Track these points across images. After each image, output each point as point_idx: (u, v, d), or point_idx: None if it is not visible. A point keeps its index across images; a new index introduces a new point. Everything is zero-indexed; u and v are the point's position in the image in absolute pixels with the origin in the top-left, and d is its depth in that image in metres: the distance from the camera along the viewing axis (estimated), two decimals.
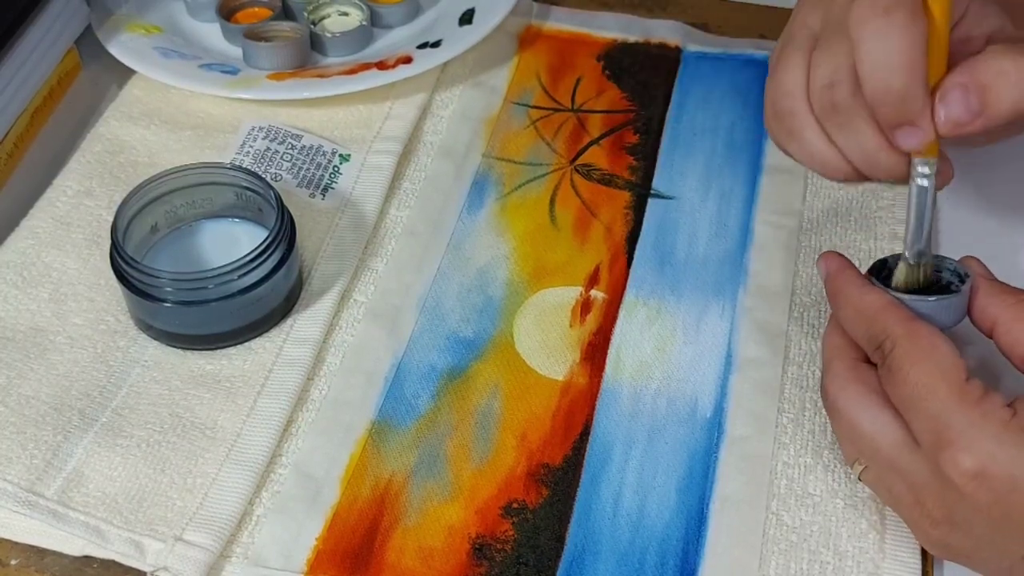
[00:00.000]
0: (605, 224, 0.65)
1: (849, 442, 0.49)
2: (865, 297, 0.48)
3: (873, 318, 0.48)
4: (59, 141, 0.70)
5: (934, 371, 0.45)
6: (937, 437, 0.44)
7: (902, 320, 0.47)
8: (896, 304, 0.48)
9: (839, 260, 0.51)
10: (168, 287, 0.55)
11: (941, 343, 0.45)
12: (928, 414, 0.45)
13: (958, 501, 0.44)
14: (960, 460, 0.43)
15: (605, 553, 0.51)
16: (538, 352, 0.59)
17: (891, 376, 0.46)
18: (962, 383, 0.44)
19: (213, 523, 0.51)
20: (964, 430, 0.44)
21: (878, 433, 0.47)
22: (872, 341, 0.48)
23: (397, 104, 0.70)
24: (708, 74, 0.74)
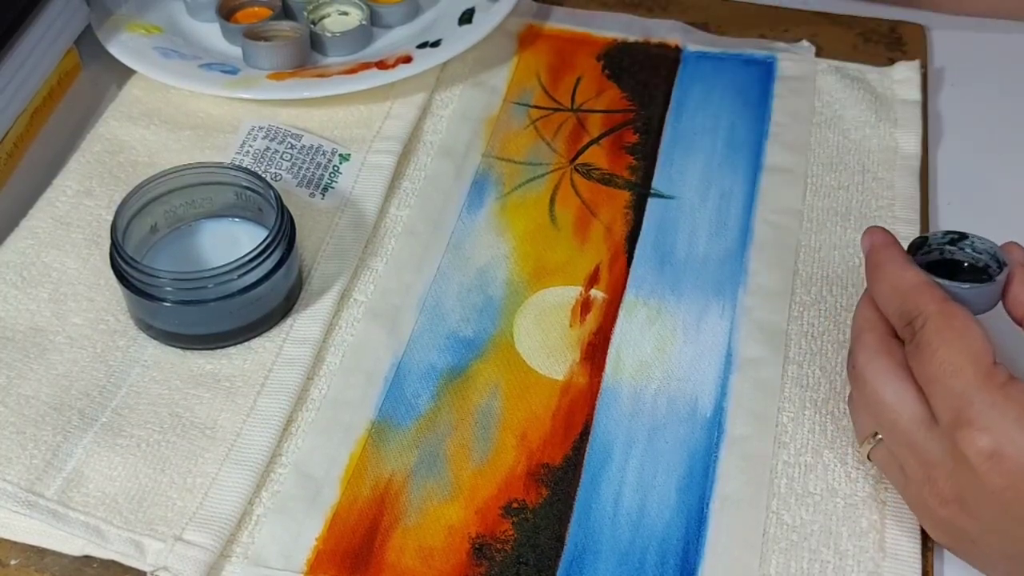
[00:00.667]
0: (605, 224, 0.65)
1: (869, 414, 0.50)
2: (904, 274, 0.49)
3: (908, 295, 0.48)
4: (59, 141, 0.70)
5: (963, 351, 0.46)
6: (957, 415, 0.45)
7: (936, 300, 0.48)
8: (932, 284, 0.48)
9: (883, 236, 0.52)
10: (168, 287, 0.55)
11: (973, 325, 0.46)
12: (952, 392, 0.45)
13: (971, 481, 0.45)
14: (977, 439, 0.44)
15: (605, 553, 0.51)
16: (538, 352, 0.59)
17: (919, 352, 0.47)
18: (989, 366, 0.45)
19: (213, 523, 0.51)
20: (985, 411, 0.44)
21: (899, 405, 0.48)
22: (904, 317, 0.48)
23: (397, 104, 0.70)
24: (708, 74, 0.74)
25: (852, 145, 0.69)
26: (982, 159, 0.69)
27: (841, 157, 0.68)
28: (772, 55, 0.75)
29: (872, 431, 0.50)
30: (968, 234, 0.52)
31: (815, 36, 0.77)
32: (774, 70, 0.74)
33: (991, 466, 0.44)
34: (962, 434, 0.45)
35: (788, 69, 0.74)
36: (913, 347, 0.47)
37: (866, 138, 0.69)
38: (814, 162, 0.68)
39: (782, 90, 0.72)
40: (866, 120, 0.70)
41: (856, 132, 0.70)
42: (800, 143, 0.69)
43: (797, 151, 0.68)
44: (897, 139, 0.69)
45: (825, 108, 0.71)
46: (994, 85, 0.75)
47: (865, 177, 0.67)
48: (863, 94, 0.72)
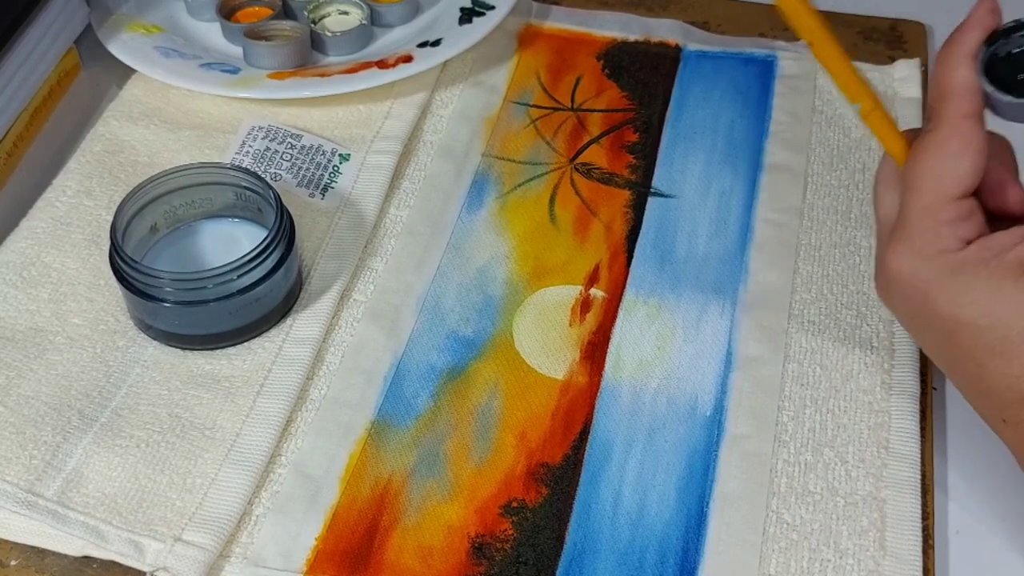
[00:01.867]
0: (605, 223, 0.65)
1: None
2: (955, 70, 0.48)
3: (944, 91, 0.48)
4: (59, 141, 0.70)
5: (937, 172, 0.47)
6: (895, 228, 0.48)
7: (959, 111, 0.47)
8: (972, 92, 0.47)
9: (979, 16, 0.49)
10: (168, 287, 0.55)
11: (968, 152, 0.47)
12: (906, 204, 0.48)
13: (888, 284, 0.50)
14: (892, 258, 0.48)
15: (605, 552, 0.51)
16: (538, 351, 0.59)
17: (916, 149, 0.48)
18: (949, 199, 0.47)
19: (212, 523, 0.51)
20: (914, 237, 0.47)
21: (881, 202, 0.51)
22: (931, 110, 0.49)
23: (397, 103, 0.70)
24: (708, 73, 0.74)
25: (853, 143, 0.69)
26: None
27: (842, 155, 0.68)
28: (772, 54, 0.75)
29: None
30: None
31: None
32: (774, 69, 0.74)
33: (897, 284, 0.48)
34: (887, 248, 0.48)
35: (788, 68, 0.74)
36: (916, 142, 0.48)
37: (867, 136, 0.69)
38: (814, 161, 0.68)
39: (782, 89, 0.72)
40: None
41: (857, 130, 0.69)
42: (800, 142, 0.69)
43: (797, 150, 0.68)
44: None
45: (825, 107, 0.71)
46: None
47: (866, 175, 0.67)
48: None
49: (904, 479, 0.53)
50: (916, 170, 0.48)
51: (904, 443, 0.54)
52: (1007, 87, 0.48)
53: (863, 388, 0.56)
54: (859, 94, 0.50)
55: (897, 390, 0.56)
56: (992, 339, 0.46)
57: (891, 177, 0.51)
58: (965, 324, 0.46)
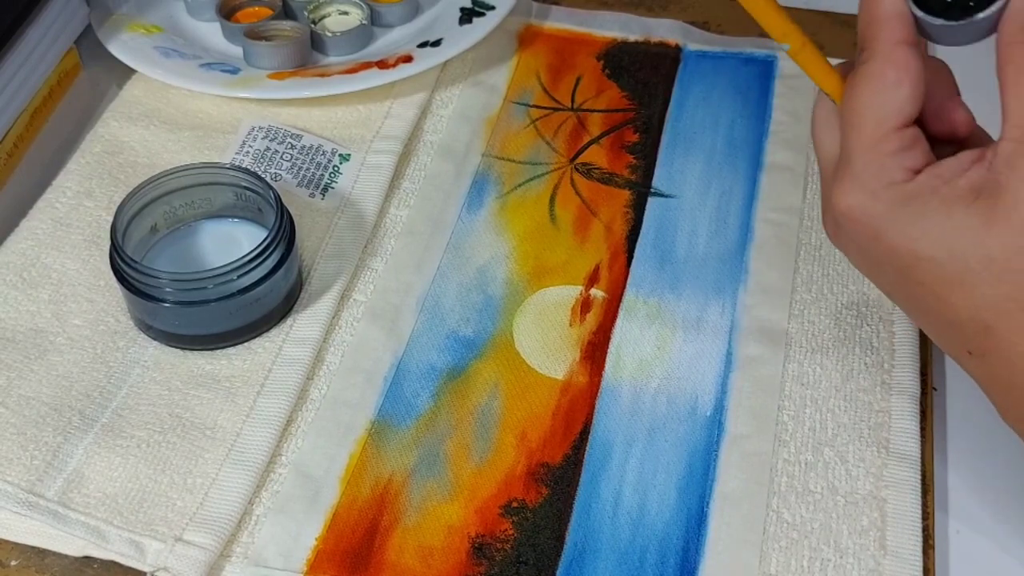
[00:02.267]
0: (605, 223, 0.65)
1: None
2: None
3: (872, 22, 0.46)
4: (58, 141, 0.70)
5: (875, 106, 0.45)
6: (838, 167, 0.47)
7: (891, 39, 0.45)
8: (901, 18, 0.46)
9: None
10: (168, 287, 0.55)
11: (906, 82, 0.45)
12: (847, 142, 0.46)
13: (837, 226, 0.48)
14: (839, 197, 0.46)
15: (605, 552, 0.51)
16: (538, 351, 0.59)
17: (851, 84, 0.46)
18: (890, 129, 0.45)
19: (213, 523, 0.51)
20: (858, 173, 0.45)
21: (820, 141, 0.49)
22: (862, 41, 0.47)
23: (397, 103, 0.70)
24: (708, 73, 0.74)
25: None
26: None
27: None
28: (772, 54, 0.75)
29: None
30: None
31: (816, 35, 0.76)
32: (774, 69, 0.74)
33: (847, 222, 0.46)
34: (834, 187, 0.47)
35: (788, 68, 0.74)
36: (850, 77, 0.47)
37: None
38: (814, 160, 0.68)
39: (782, 89, 0.72)
40: None
41: None
42: (800, 142, 0.69)
43: (797, 149, 0.68)
44: None
45: None
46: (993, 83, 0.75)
47: None
48: None
49: (904, 479, 0.53)
50: (853, 104, 0.46)
51: (904, 443, 0.54)
52: (935, 10, 0.46)
53: (863, 388, 0.56)
54: (786, 33, 0.48)
55: (897, 390, 0.56)
56: (951, 270, 0.44)
57: (829, 116, 0.49)
58: (921, 257, 0.45)
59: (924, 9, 0.46)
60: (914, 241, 0.44)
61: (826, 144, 0.49)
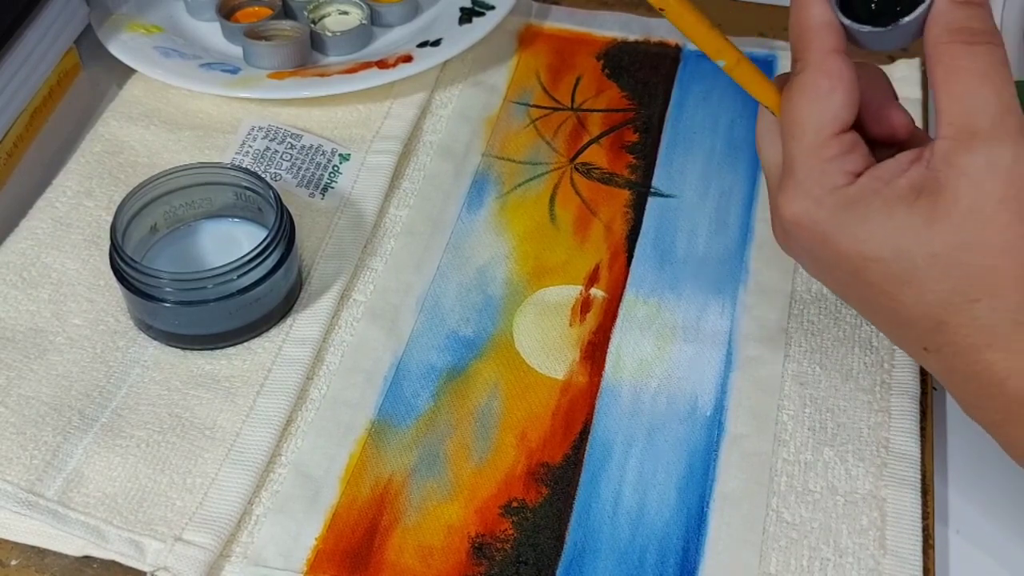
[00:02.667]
0: (605, 223, 0.65)
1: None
2: (810, 9, 0.47)
3: (803, 33, 0.47)
4: (58, 141, 0.70)
5: (813, 114, 0.46)
6: (782, 176, 0.47)
7: (822, 49, 0.46)
8: (830, 28, 0.46)
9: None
10: (168, 287, 0.55)
11: (839, 89, 0.46)
12: (788, 151, 0.47)
13: (786, 234, 0.49)
14: (785, 205, 0.47)
15: (605, 552, 0.51)
16: (538, 351, 0.59)
17: (787, 95, 0.47)
18: (828, 136, 0.46)
19: (213, 523, 0.51)
20: (801, 180, 0.46)
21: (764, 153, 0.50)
22: (794, 53, 0.48)
23: (397, 103, 0.70)
24: (708, 72, 0.74)
25: None
26: None
27: None
28: (772, 54, 0.75)
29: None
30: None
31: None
32: (774, 69, 0.74)
33: (794, 230, 0.47)
34: (778, 197, 0.47)
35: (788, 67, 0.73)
36: (786, 89, 0.48)
37: None
38: None
39: None
40: None
41: None
42: None
43: None
44: None
45: None
46: None
47: None
48: None
49: (904, 478, 0.53)
50: (791, 115, 0.47)
51: (904, 442, 0.54)
52: (862, 18, 0.47)
53: (863, 388, 0.56)
54: (720, 50, 0.49)
55: (897, 390, 0.56)
56: (898, 269, 0.45)
57: (770, 127, 0.50)
58: (869, 259, 0.45)
59: (851, 17, 0.47)
60: (860, 243, 0.45)
61: (769, 155, 0.50)
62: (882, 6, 0.47)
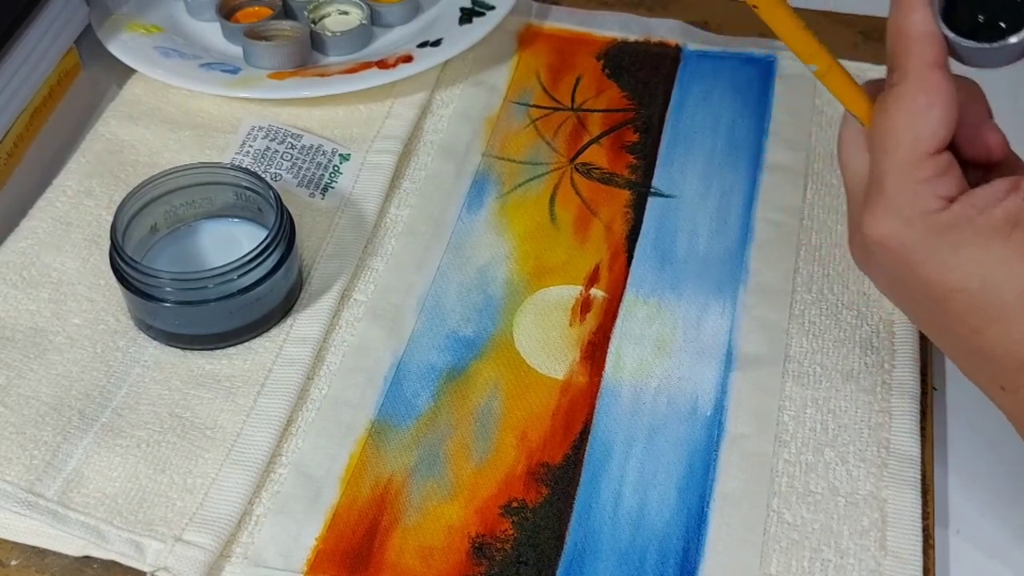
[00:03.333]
0: (605, 223, 0.65)
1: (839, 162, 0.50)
2: (912, 16, 0.45)
3: (902, 41, 0.45)
4: (59, 141, 0.70)
5: (910, 129, 0.44)
6: (871, 192, 0.46)
7: (922, 61, 0.44)
8: (932, 38, 0.44)
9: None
10: (168, 287, 0.55)
11: (938, 105, 0.44)
12: (879, 165, 0.45)
13: (867, 252, 0.47)
14: (871, 224, 0.45)
15: (605, 552, 0.51)
16: (538, 351, 0.59)
17: (882, 107, 0.45)
18: (924, 154, 0.44)
19: (213, 523, 0.51)
20: (891, 199, 0.45)
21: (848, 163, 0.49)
22: (891, 62, 0.46)
23: (397, 103, 0.70)
24: (708, 73, 0.74)
25: None
26: None
27: None
28: (772, 54, 0.75)
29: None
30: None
31: (816, 34, 0.77)
32: (774, 69, 0.74)
33: (878, 250, 0.46)
34: (865, 214, 0.46)
35: (788, 67, 0.74)
36: (880, 99, 0.46)
37: None
38: (815, 160, 0.68)
39: (782, 88, 0.72)
40: None
41: None
42: (800, 141, 0.69)
43: (797, 149, 0.68)
44: None
45: (825, 106, 0.71)
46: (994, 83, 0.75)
47: None
48: None
49: (905, 479, 0.53)
50: (885, 129, 0.45)
51: (905, 443, 0.54)
52: (966, 31, 0.45)
53: (863, 388, 0.56)
54: (814, 54, 0.48)
55: (897, 390, 0.56)
56: (986, 303, 0.43)
57: (856, 137, 0.48)
58: (956, 289, 0.44)
59: (954, 28, 0.45)
60: (949, 271, 0.44)
61: (854, 166, 0.48)
62: (989, 19, 0.45)
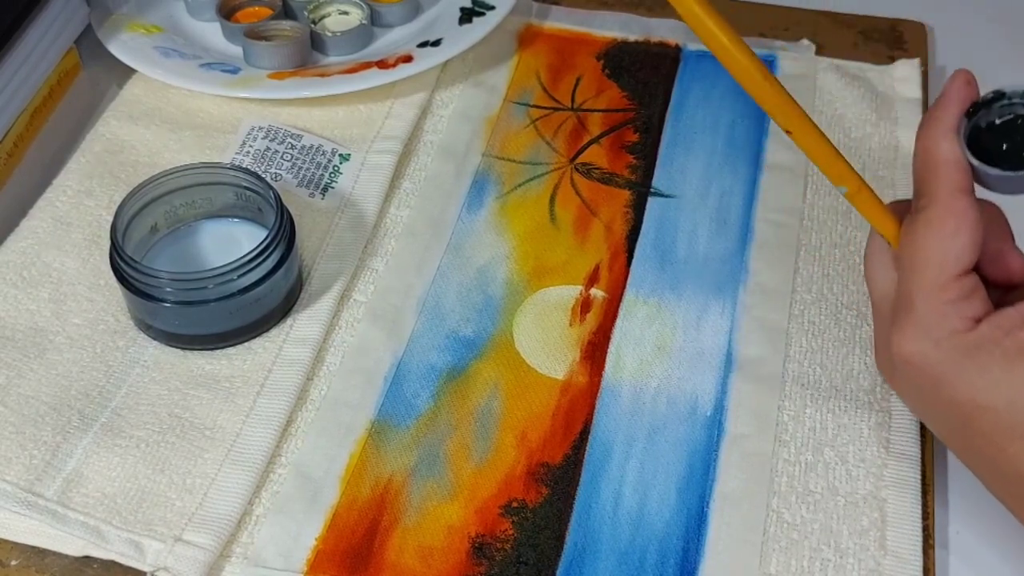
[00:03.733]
0: (605, 223, 0.65)
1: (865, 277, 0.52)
2: (940, 143, 0.47)
3: (930, 167, 0.47)
4: (59, 141, 0.70)
5: (938, 252, 0.46)
6: (899, 311, 0.47)
7: (950, 187, 0.46)
8: (959, 166, 0.47)
9: (956, 85, 0.48)
10: (168, 287, 0.55)
11: (965, 230, 0.46)
12: (906, 285, 0.47)
13: (894, 370, 0.49)
14: (899, 343, 0.47)
15: (605, 552, 0.51)
16: (538, 351, 0.59)
17: (910, 229, 0.47)
18: (950, 277, 0.46)
19: (212, 523, 0.51)
20: (920, 319, 0.46)
21: (874, 280, 0.51)
22: (919, 186, 0.48)
23: (397, 103, 0.70)
24: (708, 73, 0.74)
25: (853, 144, 0.69)
26: None
27: None
28: (772, 54, 0.75)
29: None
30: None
31: (815, 34, 0.77)
32: (774, 69, 0.74)
33: (907, 370, 0.47)
34: (894, 332, 0.47)
35: (788, 68, 0.74)
36: (909, 220, 0.48)
37: (867, 136, 0.69)
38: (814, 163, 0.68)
39: None
40: (867, 118, 0.70)
41: (857, 131, 0.69)
42: None
43: (797, 150, 0.68)
44: (898, 137, 0.69)
45: (826, 107, 0.71)
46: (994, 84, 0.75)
47: (866, 175, 0.66)
48: (864, 92, 0.71)
49: (905, 478, 0.53)
50: (914, 250, 0.47)
51: (905, 442, 0.54)
52: (992, 159, 0.47)
53: (863, 388, 0.56)
54: (844, 176, 0.49)
55: None
56: (1012, 422, 0.44)
57: (883, 255, 0.50)
58: (983, 407, 0.45)
59: (980, 157, 0.47)
60: (977, 391, 0.45)
61: (880, 282, 0.50)
62: (1013, 148, 0.47)
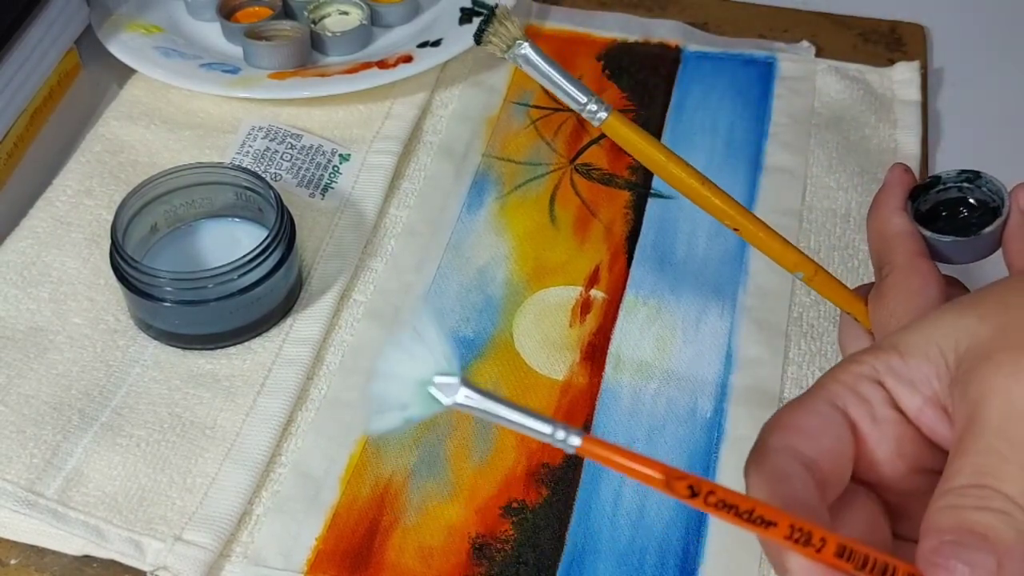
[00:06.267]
0: (605, 224, 0.65)
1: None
2: (890, 219, 0.49)
3: (886, 241, 0.49)
4: (59, 141, 0.70)
5: (908, 310, 0.47)
6: None
7: (907, 252, 0.48)
8: (910, 235, 0.49)
9: (895, 175, 0.51)
10: (168, 287, 0.55)
11: (930, 287, 0.47)
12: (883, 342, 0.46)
13: None
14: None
15: (605, 553, 0.51)
16: (538, 351, 0.59)
17: (877, 296, 0.48)
18: None
19: (213, 522, 0.51)
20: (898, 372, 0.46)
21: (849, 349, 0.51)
22: (878, 262, 0.49)
23: (397, 103, 0.70)
24: (708, 74, 0.74)
25: (852, 146, 0.69)
26: (982, 160, 0.68)
27: (840, 158, 0.68)
28: (772, 55, 0.75)
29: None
30: (982, 173, 0.50)
31: (815, 36, 0.77)
32: (774, 70, 0.74)
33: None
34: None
35: (788, 69, 0.74)
36: (874, 293, 0.49)
37: (866, 139, 0.69)
38: (813, 163, 0.68)
39: (782, 90, 0.72)
40: (866, 121, 0.70)
41: (856, 133, 0.70)
42: (799, 144, 0.69)
43: (796, 152, 0.68)
44: (897, 140, 0.69)
45: (825, 109, 0.71)
46: (994, 85, 0.75)
47: (864, 178, 0.67)
48: (863, 95, 0.72)
49: None
50: (886, 314, 0.48)
51: None
52: (941, 232, 0.49)
53: None
54: (798, 263, 0.51)
55: None
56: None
57: (853, 326, 0.51)
58: None
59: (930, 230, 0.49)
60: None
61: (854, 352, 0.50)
62: (958, 220, 0.50)
